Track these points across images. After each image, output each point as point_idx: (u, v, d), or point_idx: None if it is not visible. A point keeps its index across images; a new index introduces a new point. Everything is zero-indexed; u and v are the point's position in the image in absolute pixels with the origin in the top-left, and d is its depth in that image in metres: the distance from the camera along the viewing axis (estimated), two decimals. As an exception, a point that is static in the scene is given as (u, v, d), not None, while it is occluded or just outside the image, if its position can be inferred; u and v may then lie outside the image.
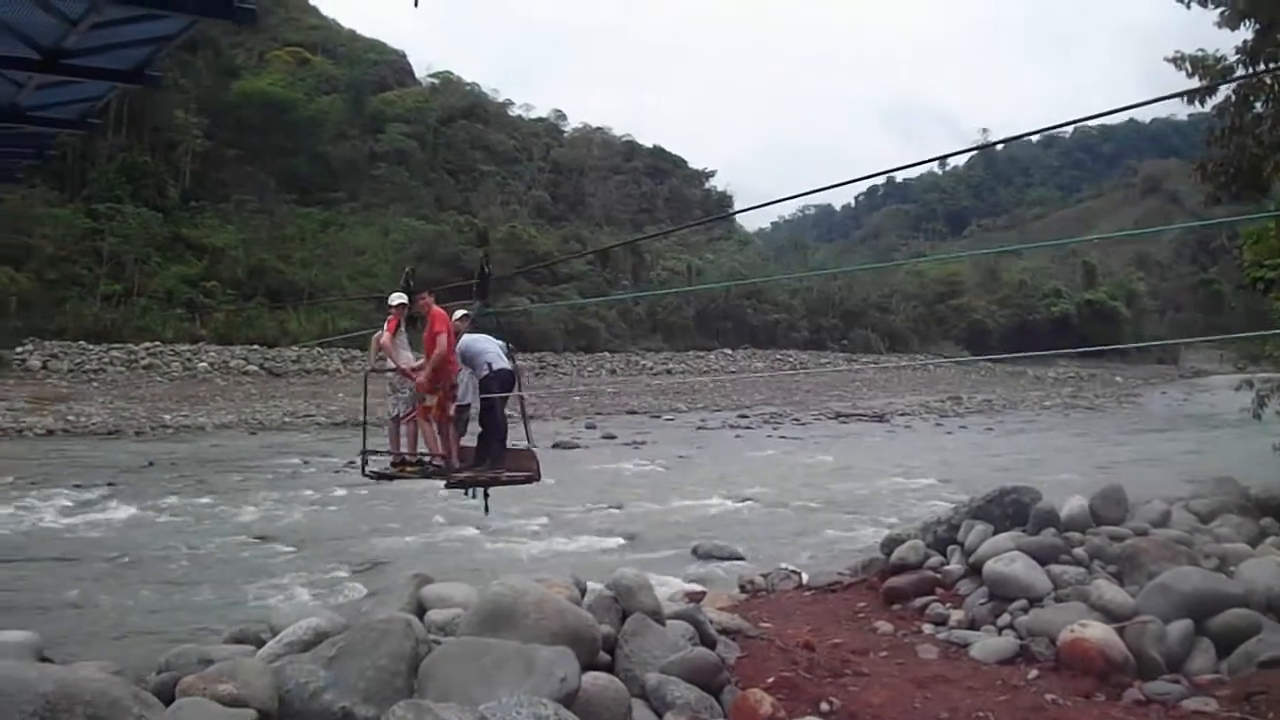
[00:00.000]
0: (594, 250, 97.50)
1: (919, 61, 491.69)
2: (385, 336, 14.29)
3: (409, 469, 13.56)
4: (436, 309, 13.52)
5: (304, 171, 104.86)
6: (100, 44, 12.96)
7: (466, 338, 13.30)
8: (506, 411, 13.54)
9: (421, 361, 13.69)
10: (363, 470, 13.95)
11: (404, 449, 13.75)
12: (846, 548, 21.57)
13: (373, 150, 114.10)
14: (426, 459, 13.36)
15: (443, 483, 13.21)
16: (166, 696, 7.68)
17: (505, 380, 13.14)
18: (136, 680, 8.24)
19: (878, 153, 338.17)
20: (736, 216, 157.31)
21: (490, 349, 13.15)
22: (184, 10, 11.31)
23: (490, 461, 12.98)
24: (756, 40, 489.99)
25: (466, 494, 13.36)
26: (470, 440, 13.44)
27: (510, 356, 13.37)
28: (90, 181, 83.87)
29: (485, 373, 12.98)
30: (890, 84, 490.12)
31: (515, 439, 13.49)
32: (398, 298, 14.10)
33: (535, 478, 12.99)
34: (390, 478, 14.02)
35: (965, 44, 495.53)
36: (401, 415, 13.97)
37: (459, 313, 13.76)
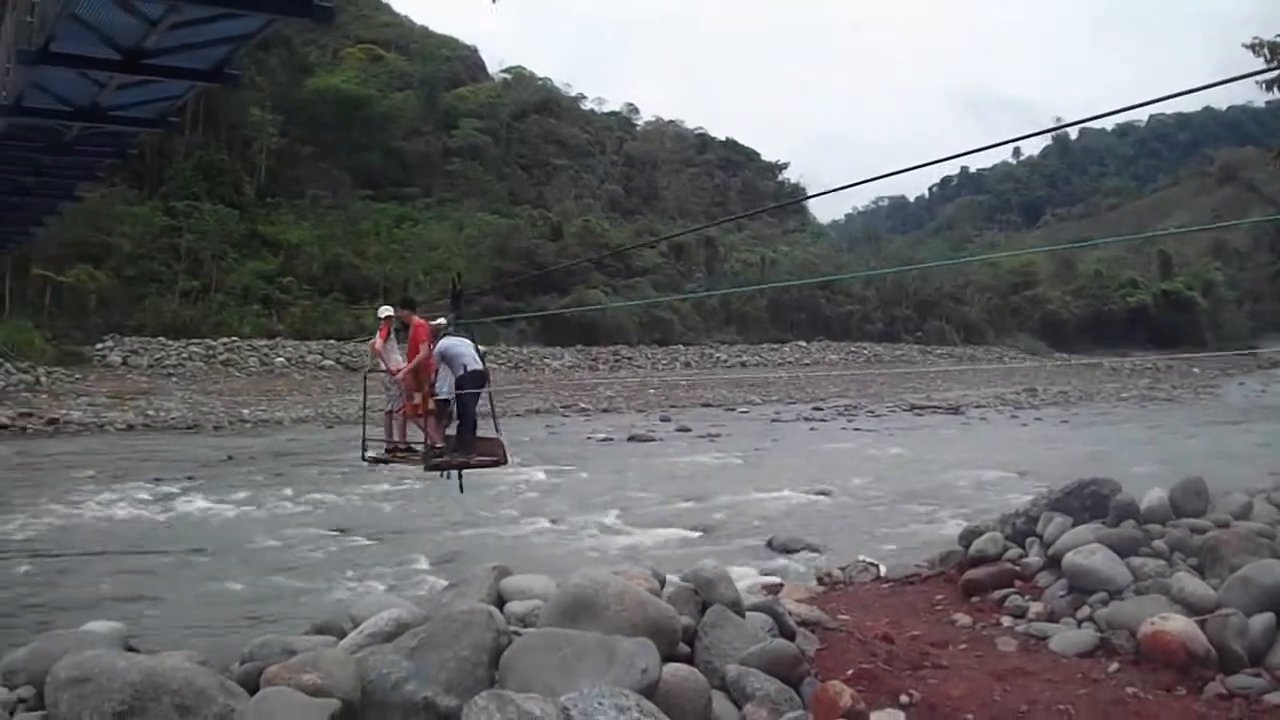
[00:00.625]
0: (631, 246, 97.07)
1: (993, 50, 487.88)
2: (378, 342, 16.38)
3: (399, 454, 15.72)
4: (418, 320, 15.51)
5: (378, 167, 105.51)
6: (179, 44, 13.14)
7: (445, 341, 15.04)
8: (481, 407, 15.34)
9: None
10: (362, 456, 15.89)
11: (395, 438, 15.87)
12: (923, 540, 21.43)
13: (446, 145, 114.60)
14: (415, 445, 15.43)
15: (443, 469, 14.87)
16: (251, 686, 7.78)
17: (478, 379, 14.94)
18: (221, 670, 8.36)
19: (951, 142, 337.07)
20: (810, 208, 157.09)
21: (466, 352, 14.94)
22: (262, 9, 11.42)
23: (463, 448, 14.84)
24: (830, 31, 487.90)
25: (443, 476, 14.97)
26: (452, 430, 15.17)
27: (482, 359, 15.21)
28: (168, 179, 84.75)
29: (461, 372, 14.74)
30: (964, 73, 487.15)
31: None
32: (385, 310, 16.64)
33: (502, 461, 15.06)
34: (385, 462, 16.16)
35: (1040, 32, 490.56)
36: (393, 409, 15.92)
37: (438, 320, 15.64)
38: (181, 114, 17.36)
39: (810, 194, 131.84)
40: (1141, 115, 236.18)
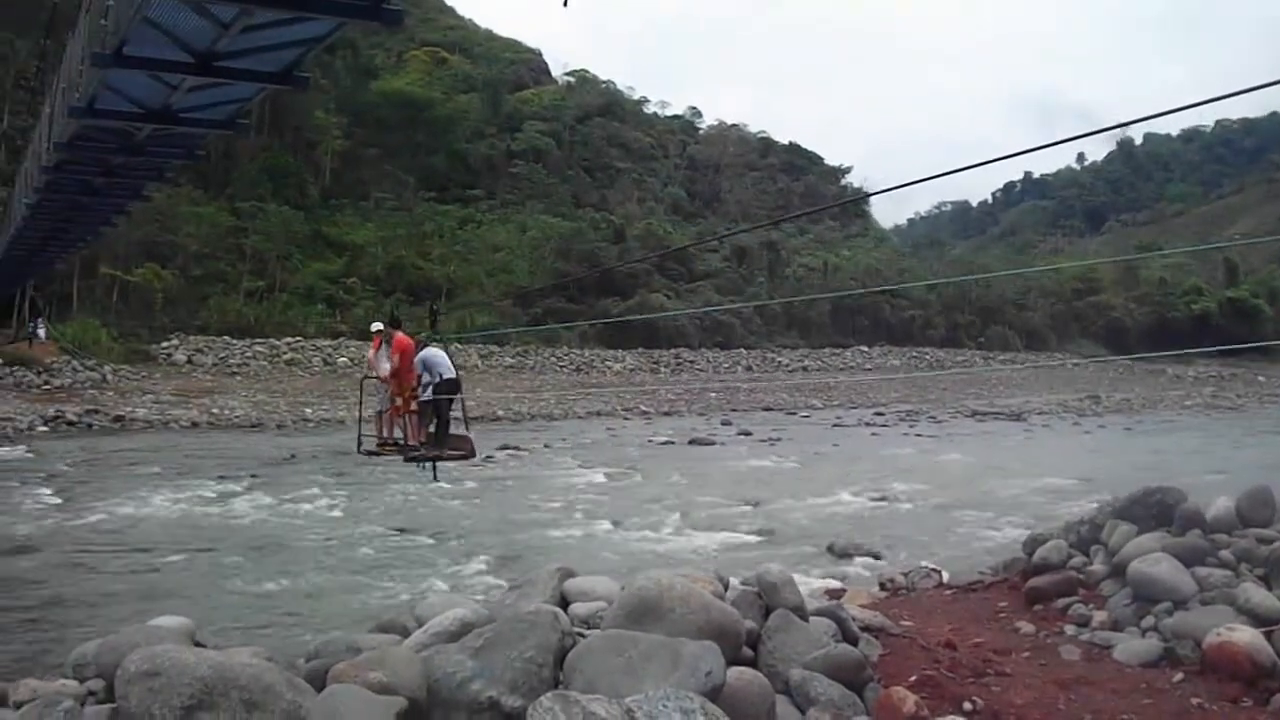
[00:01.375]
0: (681, 248, 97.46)
1: (1060, 54, 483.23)
2: (370, 353, 19.65)
3: (388, 448, 18.24)
4: (400, 336, 18.14)
5: (442, 169, 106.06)
6: (250, 46, 13.25)
7: (426, 352, 17.57)
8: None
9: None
10: (357, 449, 18.82)
11: (385, 434, 18.49)
12: (985, 547, 21.37)
13: (510, 148, 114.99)
14: (399, 440, 17.97)
15: (419, 460, 17.44)
16: (317, 683, 7.87)
17: (451, 386, 17.45)
18: (287, 666, 8.45)
19: (1015, 147, 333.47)
20: (872, 213, 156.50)
21: (442, 363, 17.45)
22: (333, 13, 11.50)
23: (437, 444, 17.37)
24: (894, 35, 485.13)
25: (420, 467, 17.68)
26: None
27: (455, 369, 17.72)
28: (233, 180, 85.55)
29: (438, 379, 17.15)
30: (1031, 77, 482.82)
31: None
32: (376, 326, 19.44)
33: (470, 455, 18.07)
34: (376, 454, 18.68)
35: (1107, 36, 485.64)
36: (383, 410, 18.45)
37: (421, 336, 18.46)
38: (248, 116, 17.50)
39: (848, 198, 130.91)
40: (1207, 120, 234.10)
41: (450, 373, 17.40)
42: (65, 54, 19.68)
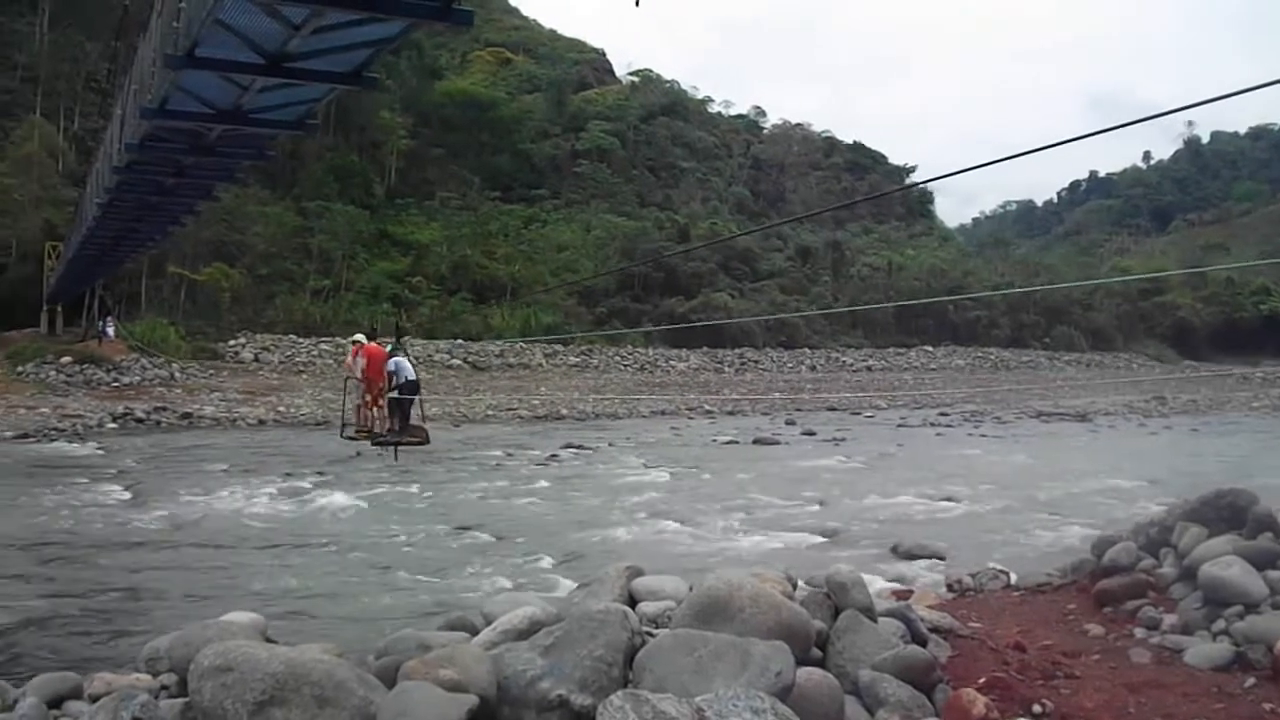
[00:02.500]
0: (714, 241, 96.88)
1: (1126, 52, 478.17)
2: (349, 359, 24.55)
3: (364, 434, 23.06)
4: (370, 345, 23.43)
5: (507, 169, 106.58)
6: (321, 48, 13.37)
7: (394, 360, 22.12)
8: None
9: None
10: (341, 434, 25.30)
11: (361, 424, 23.26)
12: (1051, 549, 21.18)
13: (574, 148, 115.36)
14: (371, 428, 22.76)
15: (383, 444, 22.75)
16: (388, 680, 7.90)
17: (412, 387, 22.26)
18: (358, 663, 8.51)
19: (1081, 145, 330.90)
20: (937, 212, 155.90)
21: (406, 368, 22.15)
22: (403, 14, 11.57)
23: (399, 432, 22.14)
24: (956, 32, 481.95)
25: (384, 449, 23.19)
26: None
27: (416, 372, 22.83)
28: (300, 180, 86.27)
29: (401, 381, 21.87)
30: (1095, 75, 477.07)
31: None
32: (358, 337, 25.12)
33: (425, 441, 22.91)
34: (354, 439, 24.00)
35: (1174, 34, 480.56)
36: (359, 404, 23.34)
37: (388, 345, 23.63)
38: (316, 116, 17.61)
39: (883, 191, 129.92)
40: (1276, 118, 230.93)
41: (412, 376, 22.32)
42: (136, 56, 19.90)
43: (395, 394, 21.76)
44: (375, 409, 22.51)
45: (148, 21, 18.13)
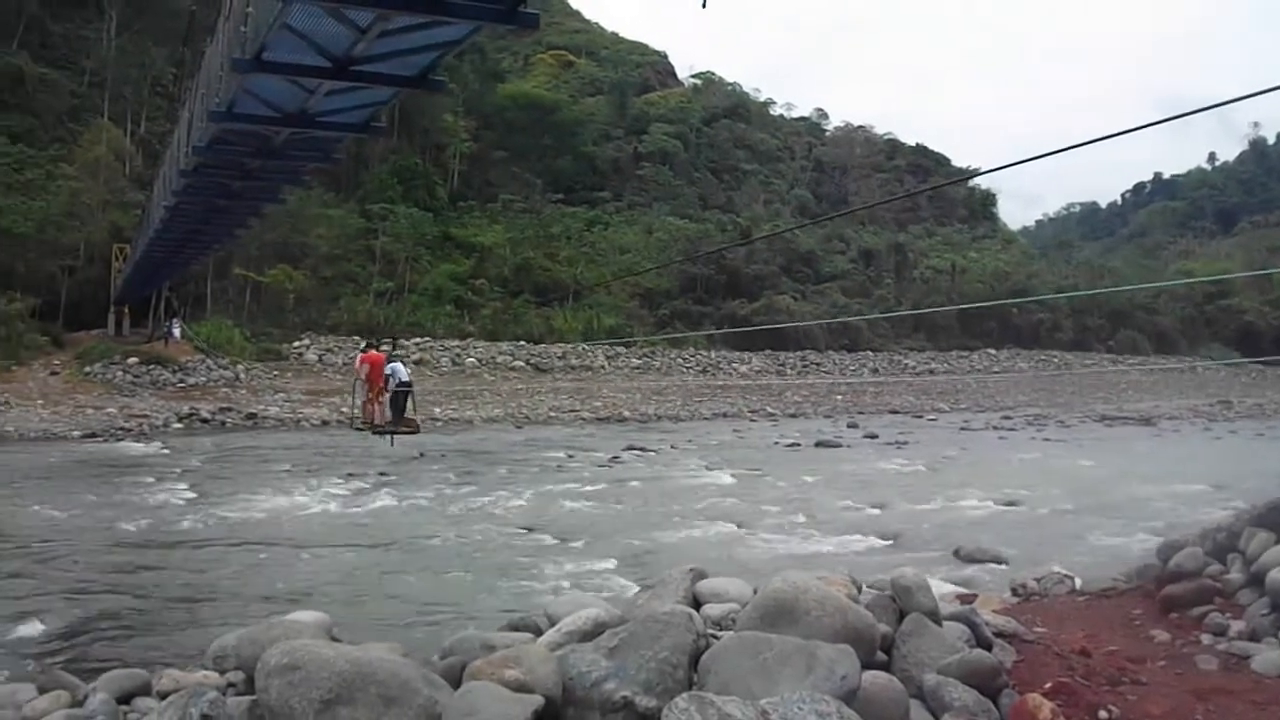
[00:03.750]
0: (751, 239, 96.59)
1: (1191, 53, 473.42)
2: (357, 363, 29.60)
3: (366, 425, 27.51)
4: (372, 353, 28.92)
5: (569, 172, 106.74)
6: (387, 51, 13.44)
7: (391, 364, 27.17)
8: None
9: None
10: (351, 425, 30.63)
11: (366, 417, 27.58)
12: (1115, 553, 20.98)
13: (637, 150, 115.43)
14: (373, 420, 27.15)
15: (382, 433, 27.12)
16: (453, 680, 7.94)
17: (405, 386, 26.55)
18: (423, 663, 8.56)
19: (1147, 146, 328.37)
20: (1000, 214, 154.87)
21: (401, 371, 27.17)
22: (469, 17, 11.61)
23: (394, 423, 26.58)
24: (1020, 35, 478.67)
25: (382, 435, 27.43)
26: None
27: (409, 373, 28.14)
28: (364, 183, 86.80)
29: (396, 382, 26.34)
30: (1160, 76, 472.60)
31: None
32: (363, 345, 33.13)
33: (416, 430, 27.88)
34: (361, 429, 28.31)
35: (1241, 35, 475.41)
36: (365, 400, 27.56)
37: (384, 348, 30.81)
38: (380, 119, 17.69)
39: (940, 182, 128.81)
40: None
41: (405, 378, 26.98)
42: (204, 60, 20.06)
43: (391, 392, 26.44)
44: (377, 404, 26.99)
45: (215, 26, 18.28)
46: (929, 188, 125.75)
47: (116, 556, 20.24)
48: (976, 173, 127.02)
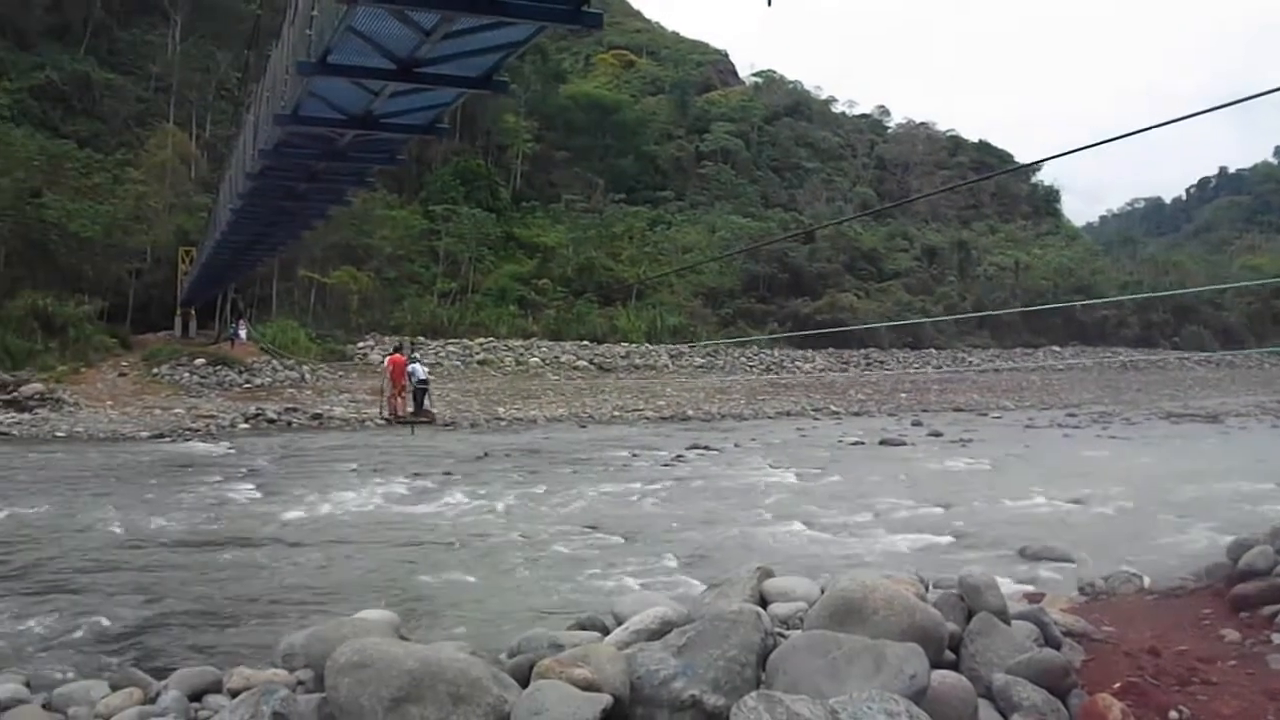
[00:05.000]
0: (790, 235, 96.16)
1: (1259, 44, 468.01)
2: (387, 364, 34.16)
3: (391, 416, 32.96)
4: (395, 356, 34.04)
5: (631, 171, 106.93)
6: (451, 53, 13.52)
7: (411, 365, 32.90)
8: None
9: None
10: (379, 416, 38.00)
11: (392, 410, 32.80)
12: (1183, 552, 20.79)
13: (698, 149, 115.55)
14: (397, 412, 32.51)
15: (404, 422, 33.30)
16: (521, 678, 7.96)
17: (423, 384, 32.60)
18: (491, 661, 8.59)
19: (1212, 138, 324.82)
20: (1064, 211, 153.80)
21: (420, 371, 32.97)
22: (533, 17, 11.65)
23: (415, 415, 32.54)
24: (1082, 28, 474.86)
25: (404, 425, 34.10)
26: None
27: (426, 372, 34.18)
28: (426, 184, 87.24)
29: (416, 380, 32.26)
30: (1226, 68, 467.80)
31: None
32: (389, 349, 41.15)
33: (432, 421, 35.74)
34: (388, 421, 34.25)
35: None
36: (389, 394, 32.62)
37: (406, 353, 36.57)
38: (444, 120, 17.83)
39: (977, 178, 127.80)
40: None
41: (423, 376, 32.98)
42: (269, 64, 20.24)
43: (412, 389, 32.47)
44: (399, 399, 32.46)
45: (280, 30, 18.43)
46: (976, 180, 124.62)
47: (184, 555, 20.42)
48: (1021, 167, 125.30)
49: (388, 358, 35.87)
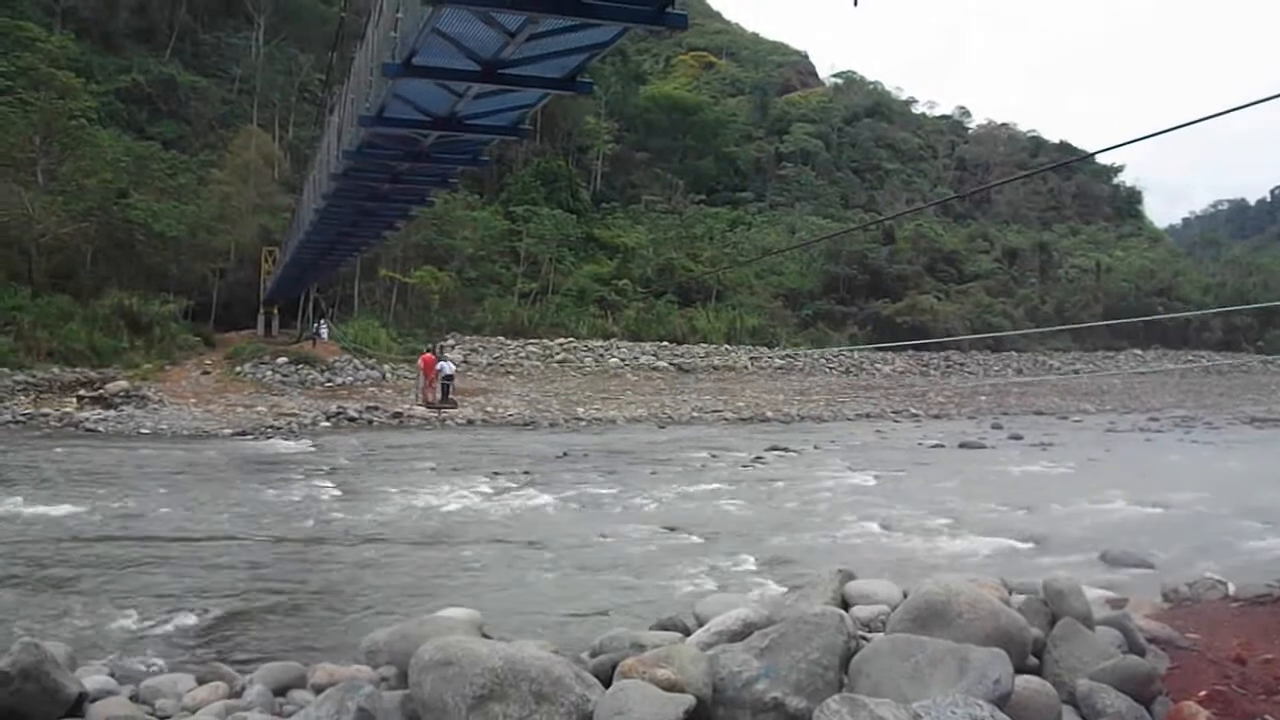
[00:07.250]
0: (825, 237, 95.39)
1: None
2: (420, 361, 50.56)
3: (422, 404, 47.80)
4: (426, 355, 51.60)
5: (711, 172, 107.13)
6: (536, 54, 13.58)
7: (440, 363, 49.50)
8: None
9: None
10: (417, 401, 50.05)
11: (423, 399, 48.33)
12: (1269, 559, 20.56)
13: (778, 150, 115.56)
14: (427, 400, 48.01)
15: (433, 408, 47.16)
16: (603, 677, 8.01)
17: (449, 378, 49.86)
18: (574, 660, 8.63)
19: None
20: (1146, 213, 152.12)
21: (447, 367, 50.95)
22: (617, 18, 11.68)
23: (441, 403, 47.72)
24: (1166, 27, 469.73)
25: (434, 412, 47.33)
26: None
27: (452, 368, 51.54)
28: (507, 185, 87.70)
29: (443, 374, 49.44)
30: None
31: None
32: (425, 350, 55.57)
33: (455, 407, 48.96)
34: (427, 407, 48.05)
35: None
36: (423, 385, 48.69)
37: (440, 351, 54.10)
38: (526, 121, 17.95)
39: (1037, 169, 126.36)
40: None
41: (449, 371, 48.25)
42: (353, 66, 20.43)
43: (440, 382, 44.91)
44: (430, 390, 45.47)
45: (364, 32, 18.59)
46: (1038, 170, 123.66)
47: (267, 551, 20.60)
48: (1086, 155, 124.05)
49: (422, 356, 49.87)
